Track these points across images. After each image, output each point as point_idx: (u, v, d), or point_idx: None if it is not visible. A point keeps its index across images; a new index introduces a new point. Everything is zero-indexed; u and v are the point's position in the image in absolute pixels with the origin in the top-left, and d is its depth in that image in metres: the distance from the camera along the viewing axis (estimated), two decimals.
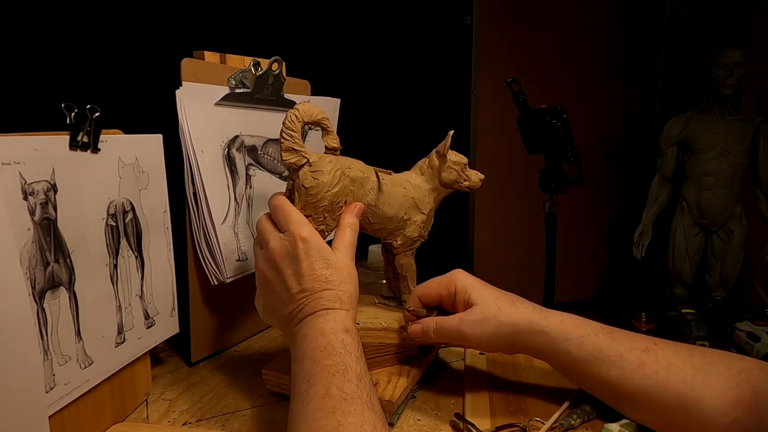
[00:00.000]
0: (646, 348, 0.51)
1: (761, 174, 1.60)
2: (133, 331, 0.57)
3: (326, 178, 0.56)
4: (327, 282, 0.51)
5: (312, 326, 0.49)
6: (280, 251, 0.53)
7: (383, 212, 0.61)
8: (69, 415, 0.49)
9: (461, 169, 0.66)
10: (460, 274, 0.59)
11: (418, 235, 0.65)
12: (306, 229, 0.53)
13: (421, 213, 0.64)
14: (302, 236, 0.52)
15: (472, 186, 0.67)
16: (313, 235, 0.53)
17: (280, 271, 0.52)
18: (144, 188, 0.58)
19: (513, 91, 0.87)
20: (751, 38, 1.71)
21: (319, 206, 0.56)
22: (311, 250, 0.52)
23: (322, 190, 0.56)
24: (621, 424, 0.53)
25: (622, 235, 1.90)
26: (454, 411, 0.58)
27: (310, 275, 0.51)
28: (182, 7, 0.87)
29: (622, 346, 0.51)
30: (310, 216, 0.56)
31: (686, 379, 0.48)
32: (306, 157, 0.56)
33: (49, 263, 0.46)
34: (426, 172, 0.65)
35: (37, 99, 0.63)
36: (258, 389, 0.65)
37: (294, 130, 0.56)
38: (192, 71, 0.65)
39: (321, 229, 0.58)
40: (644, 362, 0.50)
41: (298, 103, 0.57)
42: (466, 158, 0.66)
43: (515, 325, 0.54)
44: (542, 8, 1.74)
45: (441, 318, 0.57)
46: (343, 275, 0.53)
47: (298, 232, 0.52)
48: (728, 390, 0.46)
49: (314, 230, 0.54)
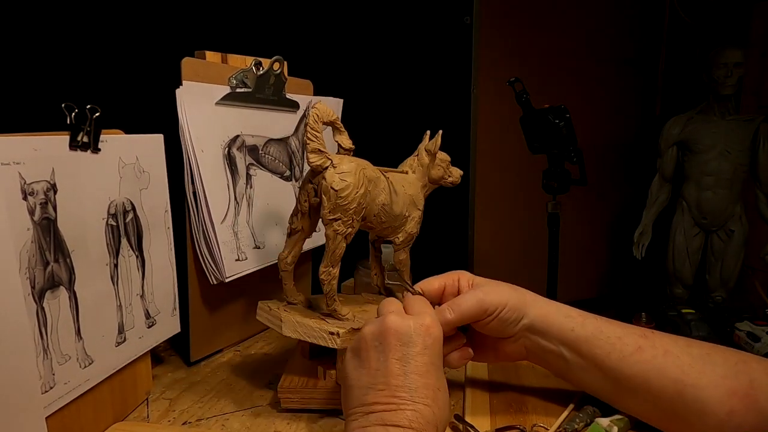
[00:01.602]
0: (643, 334, 0.52)
1: (761, 174, 1.60)
2: (134, 331, 0.57)
3: (353, 179, 0.55)
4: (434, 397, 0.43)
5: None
6: (399, 329, 0.45)
7: (392, 211, 0.62)
8: (69, 414, 0.49)
9: (447, 166, 0.69)
10: (463, 271, 0.58)
11: (416, 230, 0.66)
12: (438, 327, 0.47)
13: (418, 209, 0.66)
14: (431, 329, 0.46)
15: (454, 182, 0.71)
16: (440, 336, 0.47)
17: (386, 349, 0.45)
18: (145, 188, 0.58)
19: (516, 90, 0.87)
20: (751, 38, 1.71)
21: (349, 208, 0.55)
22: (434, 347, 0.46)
23: (351, 192, 0.55)
24: (612, 419, 0.53)
25: (622, 235, 1.90)
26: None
27: (416, 372, 0.44)
28: (183, 6, 0.87)
29: (620, 330, 0.53)
30: (339, 219, 0.56)
31: (683, 367, 0.48)
32: (330, 158, 0.56)
33: (48, 263, 0.46)
34: (417, 170, 0.67)
35: (37, 99, 0.63)
36: (258, 388, 0.65)
37: (318, 130, 0.55)
38: (193, 70, 0.65)
39: (349, 232, 0.57)
40: (642, 347, 0.51)
41: (316, 104, 0.56)
42: (449, 156, 0.70)
43: (523, 294, 0.55)
44: (542, 8, 1.74)
45: (453, 298, 0.54)
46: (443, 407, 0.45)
47: (430, 322, 0.47)
48: (725, 380, 0.47)
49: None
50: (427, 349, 0.45)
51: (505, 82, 0.88)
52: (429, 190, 0.70)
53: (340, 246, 0.57)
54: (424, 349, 0.45)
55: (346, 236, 0.57)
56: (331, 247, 0.57)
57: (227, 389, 0.65)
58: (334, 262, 0.58)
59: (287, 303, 0.64)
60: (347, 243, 0.58)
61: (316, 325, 0.58)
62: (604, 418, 0.53)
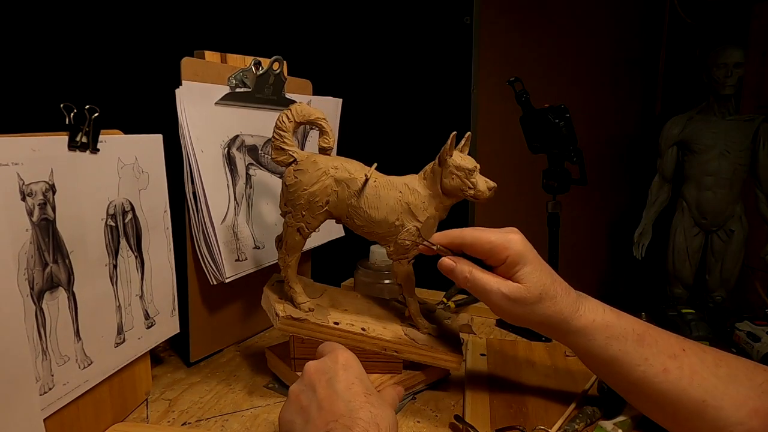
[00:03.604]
0: (673, 355, 0.50)
1: (761, 174, 1.60)
2: (133, 331, 0.57)
3: (305, 177, 0.58)
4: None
5: None
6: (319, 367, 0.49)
7: (368, 215, 0.59)
8: (68, 414, 0.49)
9: (465, 176, 0.57)
10: (516, 240, 0.53)
11: (411, 243, 0.59)
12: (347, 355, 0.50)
13: (417, 220, 0.59)
14: (346, 357, 0.49)
15: (478, 195, 0.57)
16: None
17: (313, 384, 0.47)
18: (144, 188, 0.58)
19: (516, 90, 0.86)
20: (751, 38, 1.71)
21: (296, 203, 0.59)
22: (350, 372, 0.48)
23: (299, 188, 0.58)
24: (615, 421, 0.53)
25: (622, 235, 1.90)
26: (454, 413, 0.58)
27: (343, 388, 0.46)
28: (182, 6, 0.86)
29: (648, 351, 0.50)
30: (290, 212, 0.60)
31: (708, 389, 0.48)
32: (293, 156, 0.59)
33: (47, 264, 0.46)
34: (428, 177, 0.59)
35: (36, 99, 0.63)
36: (258, 389, 0.65)
37: (284, 129, 0.59)
38: (192, 70, 0.65)
39: (300, 227, 0.60)
40: (668, 369, 0.49)
41: (293, 104, 0.58)
42: (475, 163, 0.58)
43: (547, 318, 0.52)
44: (542, 8, 1.73)
45: (479, 272, 0.53)
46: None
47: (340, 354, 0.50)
48: (748, 400, 0.47)
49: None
50: (347, 368, 0.48)
51: (505, 82, 0.88)
52: (446, 203, 0.59)
53: (292, 237, 0.61)
54: (345, 371, 0.47)
55: (299, 229, 0.60)
56: (285, 237, 0.62)
57: (227, 390, 0.65)
58: (288, 250, 0.62)
59: (279, 281, 0.66)
60: (303, 236, 0.61)
61: (273, 302, 0.62)
62: (607, 421, 0.53)
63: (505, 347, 0.75)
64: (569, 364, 0.69)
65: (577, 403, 0.59)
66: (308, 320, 0.60)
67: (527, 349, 0.74)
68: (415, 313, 0.64)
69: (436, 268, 0.55)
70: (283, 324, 0.59)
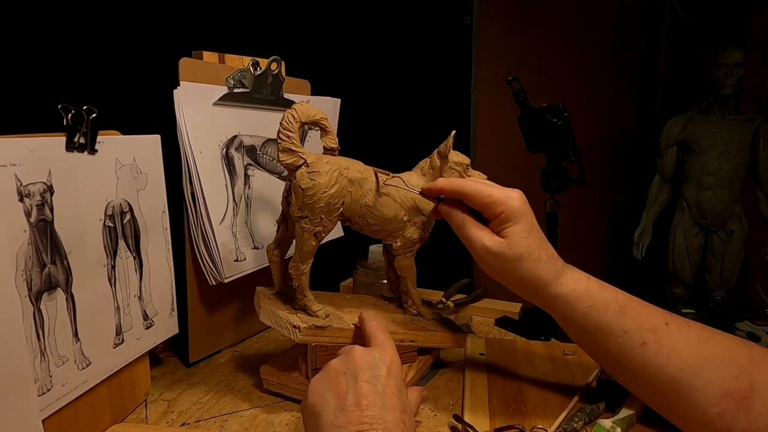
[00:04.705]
0: (654, 328, 0.49)
1: (761, 174, 1.60)
2: (132, 332, 0.57)
3: (323, 179, 0.56)
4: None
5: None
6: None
7: (382, 213, 0.60)
8: (67, 416, 0.49)
9: (463, 171, 0.63)
10: (515, 198, 0.53)
11: (418, 237, 0.63)
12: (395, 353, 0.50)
13: (422, 215, 0.62)
14: (394, 357, 0.49)
15: None
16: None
17: (355, 372, 0.46)
18: (142, 189, 0.58)
19: (513, 89, 0.86)
20: (751, 38, 1.71)
21: (315, 207, 0.56)
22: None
23: (318, 191, 0.56)
24: (614, 420, 0.53)
25: (622, 235, 1.90)
26: (453, 412, 0.58)
27: (385, 393, 0.45)
28: (180, 6, 0.86)
29: (630, 323, 0.50)
30: (307, 217, 0.57)
31: (683, 367, 0.48)
32: (303, 157, 0.57)
33: (45, 265, 0.46)
34: (427, 173, 0.63)
35: (34, 100, 0.63)
36: (257, 389, 0.65)
37: (291, 130, 0.56)
38: (190, 71, 0.65)
39: (318, 230, 0.58)
40: (646, 343, 0.49)
41: (296, 104, 0.57)
42: (469, 159, 0.64)
43: (526, 281, 0.52)
44: (542, 8, 1.73)
45: (470, 222, 0.54)
46: None
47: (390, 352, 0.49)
48: (722, 381, 0.47)
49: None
50: (392, 374, 0.47)
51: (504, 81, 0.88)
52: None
53: (308, 243, 0.58)
54: (389, 374, 0.46)
55: (316, 234, 0.58)
56: (299, 243, 0.59)
57: (226, 390, 0.65)
58: (302, 258, 0.59)
59: (276, 292, 0.65)
60: (318, 241, 0.59)
61: (284, 315, 0.59)
62: (606, 420, 0.53)
63: (504, 346, 0.75)
64: (568, 363, 0.69)
65: (575, 401, 0.59)
66: (331, 326, 0.59)
67: (526, 349, 0.74)
68: (418, 302, 0.67)
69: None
70: (306, 335, 0.57)
